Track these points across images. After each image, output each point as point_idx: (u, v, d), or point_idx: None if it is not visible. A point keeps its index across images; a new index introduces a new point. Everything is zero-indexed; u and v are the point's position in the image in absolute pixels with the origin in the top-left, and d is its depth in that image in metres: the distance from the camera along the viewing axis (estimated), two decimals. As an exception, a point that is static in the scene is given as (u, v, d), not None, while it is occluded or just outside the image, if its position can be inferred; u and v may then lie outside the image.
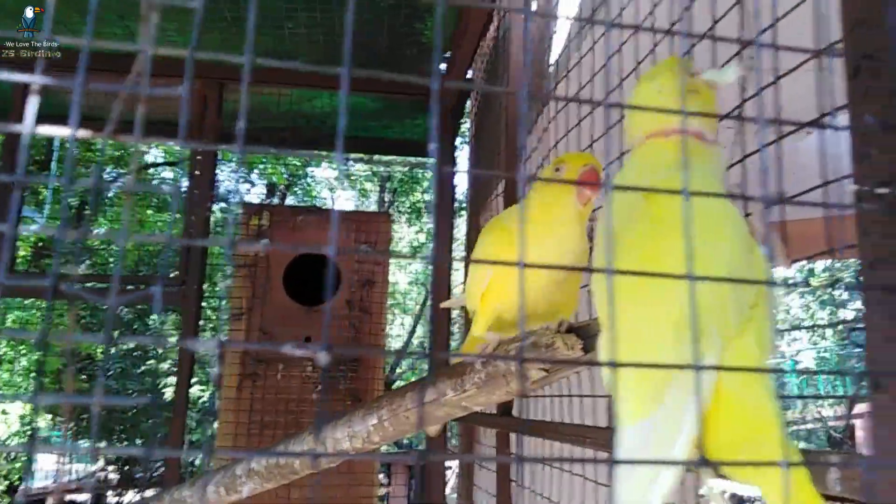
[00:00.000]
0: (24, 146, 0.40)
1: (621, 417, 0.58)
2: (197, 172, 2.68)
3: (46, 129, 0.37)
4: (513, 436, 1.56)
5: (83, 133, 0.37)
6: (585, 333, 1.03)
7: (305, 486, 2.23)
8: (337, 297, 2.64)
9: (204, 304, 2.63)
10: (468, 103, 2.82)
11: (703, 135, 0.73)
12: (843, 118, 0.55)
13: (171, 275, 2.56)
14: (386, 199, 10.24)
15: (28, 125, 0.37)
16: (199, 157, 2.62)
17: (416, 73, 2.84)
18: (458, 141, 3.11)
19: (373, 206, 10.58)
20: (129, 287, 2.85)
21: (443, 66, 2.72)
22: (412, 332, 10.49)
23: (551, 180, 1.04)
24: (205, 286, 2.79)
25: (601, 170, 1.03)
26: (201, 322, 2.56)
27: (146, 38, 0.38)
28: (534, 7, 1.87)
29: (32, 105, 0.38)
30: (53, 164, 6.12)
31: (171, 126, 2.94)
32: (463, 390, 1.14)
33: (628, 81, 1.17)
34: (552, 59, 1.77)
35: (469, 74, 2.64)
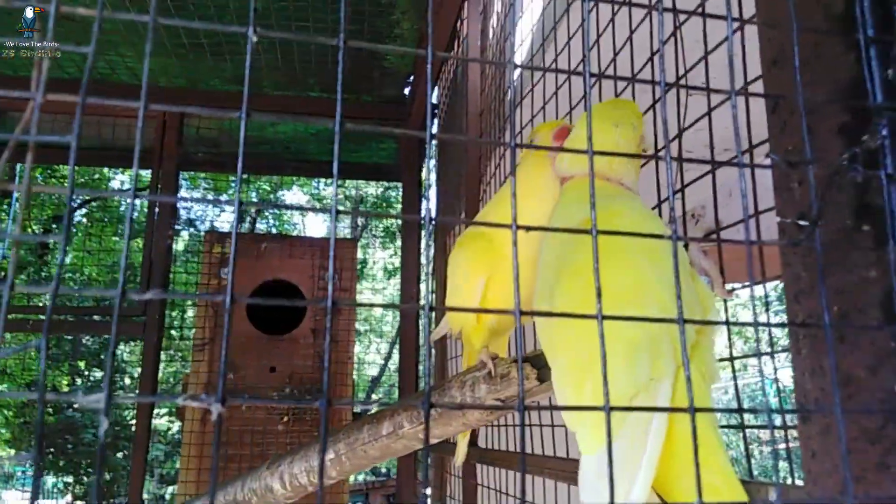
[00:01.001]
0: None
1: (582, 446, 0.57)
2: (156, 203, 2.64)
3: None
4: (479, 466, 1.54)
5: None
6: (539, 363, 1.02)
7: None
8: (302, 325, 2.61)
9: (167, 333, 2.57)
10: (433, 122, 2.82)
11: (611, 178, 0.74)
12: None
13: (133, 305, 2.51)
14: (359, 223, 10.21)
15: None
16: (159, 184, 2.58)
17: (380, 95, 2.85)
18: (423, 170, 3.10)
19: (346, 230, 10.54)
20: (95, 318, 2.79)
21: (406, 90, 2.72)
22: (388, 357, 10.41)
23: (528, 147, 0.99)
24: (167, 314, 2.73)
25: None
26: (163, 351, 2.50)
27: (37, 85, 0.36)
28: (494, 18, 1.88)
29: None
30: (14, 192, 6.01)
31: (131, 153, 2.89)
32: (420, 422, 1.11)
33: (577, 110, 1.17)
34: (513, 78, 1.78)
35: (434, 97, 2.64)
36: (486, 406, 1.02)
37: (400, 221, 10.26)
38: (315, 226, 11.24)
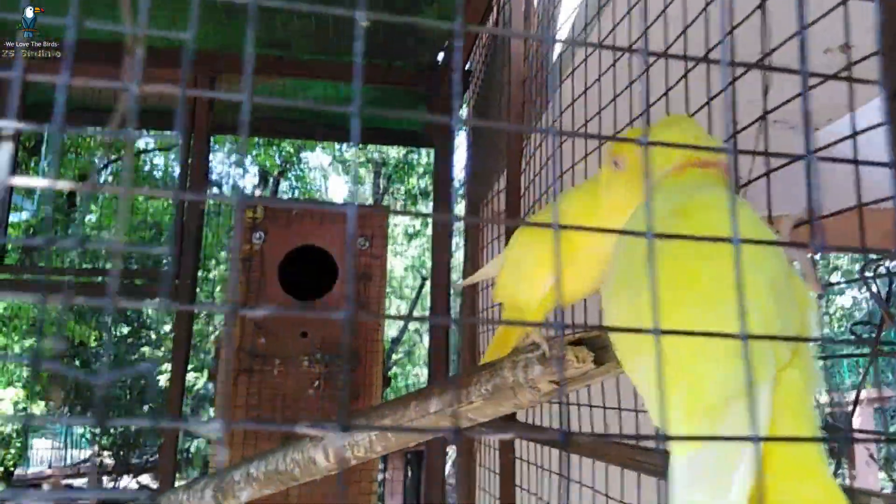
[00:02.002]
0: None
1: (671, 447, 0.55)
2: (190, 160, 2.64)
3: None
4: (518, 440, 1.54)
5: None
6: (595, 345, 1.00)
7: (304, 487, 2.21)
8: (333, 291, 2.61)
9: (198, 297, 2.59)
10: (466, 94, 2.78)
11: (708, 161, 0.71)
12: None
13: (166, 267, 2.52)
14: (381, 186, 10.18)
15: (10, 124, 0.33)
16: (191, 147, 2.57)
17: (414, 62, 2.79)
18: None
19: (367, 193, 10.52)
20: (125, 281, 2.81)
21: (440, 56, 2.67)
22: (409, 318, 10.47)
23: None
24: (199, 275, 2.74)
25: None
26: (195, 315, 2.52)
27: (131, 75, 0.34)
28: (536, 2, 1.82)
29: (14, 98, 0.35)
30: (43, 149, 6.05)
31: (165, 115, 2.88)
32: (469, 402, 1.11)
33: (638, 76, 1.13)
34: (555, 56, 1.72)
35: (468, 66, 2.59)
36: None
37: (423, 184, 10.21)
38: (336, 187, 11.23)
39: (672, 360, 0.57)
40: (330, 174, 10.53)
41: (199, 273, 2.66)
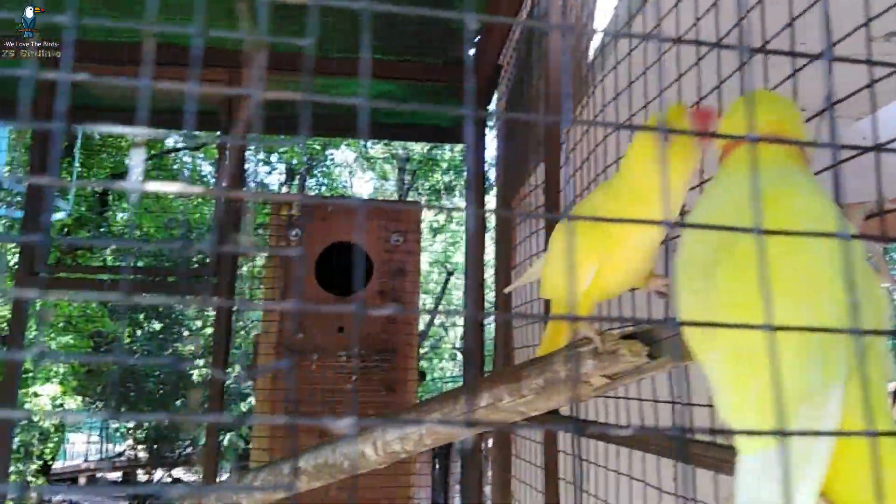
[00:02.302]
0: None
1: (739, 444, 0.56)
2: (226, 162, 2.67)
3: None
4: (560, 434, 1.55)
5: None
6: (648, 339, 1.00)
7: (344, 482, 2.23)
8: (369, 286, 2.63)
9: (236, 294, 2.63)
10: (500, 88, 2.78)
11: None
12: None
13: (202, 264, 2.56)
14: (405, 181, 10.21)
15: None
16: (227, 146, 2.60)
17: (445, 57, 2.80)
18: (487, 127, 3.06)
19: (392, 188, 10.55)
20: (157, 278, 2.86)
21: (471, 51, 2.67)
22: (434, 312, 10.52)
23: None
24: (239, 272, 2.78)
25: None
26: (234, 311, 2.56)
27: (254, 82, 0.36)
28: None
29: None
30: (77, 151, 6.15)
31: (200, 114, 2.92)
32: (520, 395, 1.12)
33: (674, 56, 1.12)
34: (592, 49, 1.72)
35: (500, 60, 2.59)
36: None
37: (447, 179, 10.21)
38: (361, 184, 11.27)
39: (747, 356, 0.57)
40: (355, 170, 10.57)
41: (238, 270, 2.69)
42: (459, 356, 10.66)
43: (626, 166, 0.94)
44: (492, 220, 2.82)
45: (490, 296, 3.46)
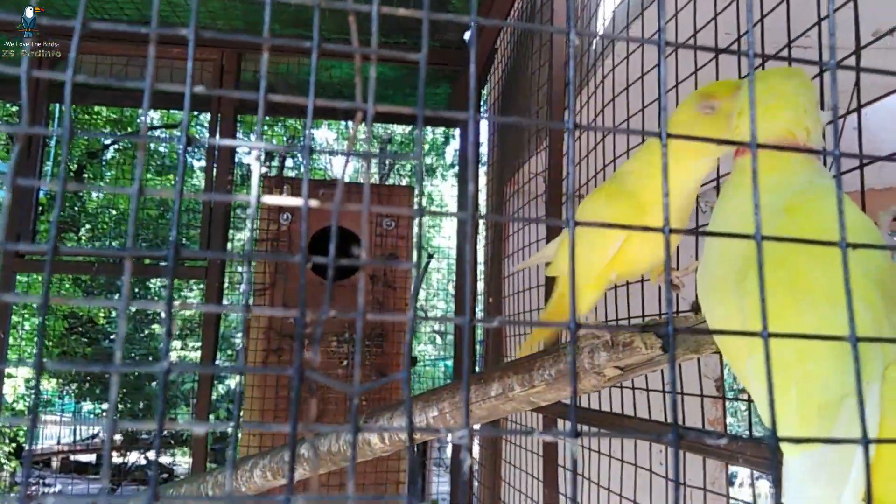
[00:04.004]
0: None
1: (784, 447, 0.56)
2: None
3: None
4: (560, 421, 1.56)
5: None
6: (662, 332, 1.01)
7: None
8: (360, 272, 2.61)
9: (226, 278, 2.60)
10: (490, 73, 2.76)
11: (798, 144, 0.70)
12: None
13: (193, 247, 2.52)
14: (386, 163, 10.14)
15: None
16: (218, 128, 2.56)
17: (442, 40, 2.78)
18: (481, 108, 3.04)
19: (373, 170, 10.48)
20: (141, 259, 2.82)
21: (467, 34, 2.64)
22: (416, 293, 10.49)
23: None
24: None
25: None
26: (224, 301, 2.53)
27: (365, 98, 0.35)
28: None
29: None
30: (54, 125, 6.00)
31: (180, 94, 2.86)
32: (532, 386, 1.12)
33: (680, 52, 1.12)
34: (597, 31, 1.71)
35: (496, 43, 2.57)
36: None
37: (428, 161, 10.17)
38: (342, 165, 11.16)
39: (783, 362, 0.57)
40: (336, 149, 10.46)
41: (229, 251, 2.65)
42: (439, 339, 10.70)
43: (651, 148, 0.92)
44: (483, 210, 2.82)
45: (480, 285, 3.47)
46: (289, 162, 9.74)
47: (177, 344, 7.62)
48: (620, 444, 1.35)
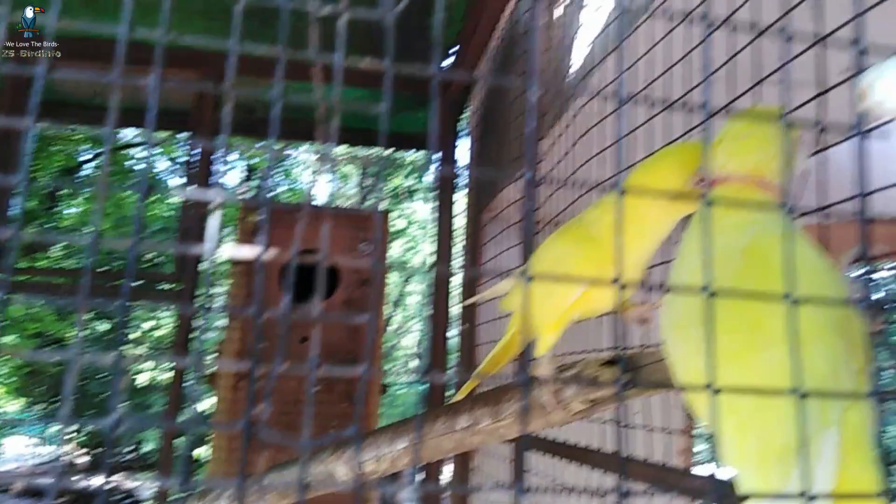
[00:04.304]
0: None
1: (747, 490, 0.56)
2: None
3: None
4: (527, 454, 1.55)
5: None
6: (631, 365, 1.01)
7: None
8: (334, 296, 2.60)
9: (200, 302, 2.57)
10: (470, 98, 2.78)
11: (765, 182, 0.71)
12: None
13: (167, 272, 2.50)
14: (366, 184, 10.16)
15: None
16: (196, 150, 2.54)
17: (421, 67, 2.79)
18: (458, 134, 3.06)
19: (352, 191, 10.48)
20: (108, 284, 2.78)
21: (450, 60, 2.67)
22: (389, 318, 10.45)
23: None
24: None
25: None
26: (198, 317, 2.50)
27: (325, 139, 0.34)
28: (557, 13, 1.83)
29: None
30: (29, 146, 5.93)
31: (169, 113, 2.84)
32: (499, 419, 1.11)
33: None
34: (573, 63, 1.74)
35: (477, 70, 2.59)
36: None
37: (408, 184, 10.20)
38: (323, 185, 11.14)
39: (742, 406, 0.58)
40: (317, 170, 10.46)
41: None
42: (413, 363, 10.64)
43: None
44: (459, 234, 2.82)
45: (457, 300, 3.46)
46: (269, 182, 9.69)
47: (148, 364, 7.50)
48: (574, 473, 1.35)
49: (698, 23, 0.37)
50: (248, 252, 0.31)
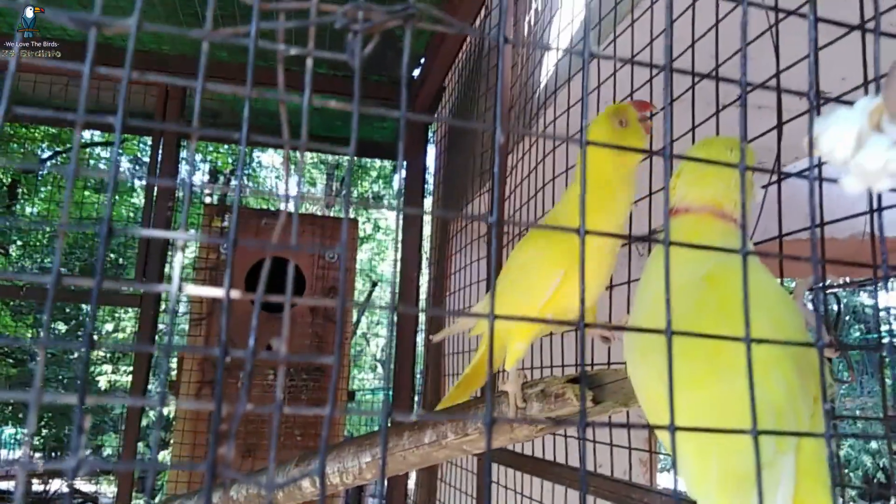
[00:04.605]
0: None
1: None
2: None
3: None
4: (497, 465, 1.56)
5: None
6: (595, 382, 1.03)
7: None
8: (299, 303, 2.58)
9: (163, 305, 2.53)
10: (440, 106, 2.79)
11: (724, 213, 0.73)
12: None
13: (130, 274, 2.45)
14: (333, 189, 10.11)
15: None
16: (160, 154, 2.51)
17: (392, 76, 2.80)
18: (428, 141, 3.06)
19: (319, 195, 10.41)
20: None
21: (416, 72, 2.68)
22: (357, 323, 10.40)
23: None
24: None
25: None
26: (161, 325, 2.46)
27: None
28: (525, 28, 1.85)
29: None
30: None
31: (132, 116, 2.79)
32: (465, 434, 1.12)
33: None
34: (540, 81, 1.76)
35: (445, 82, 2.61)
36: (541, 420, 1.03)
37: (375, 188, 10.18)
38: (288, 188, 11.06)
39: (702, 433, 0.59)
40: (282, 174, 10.38)
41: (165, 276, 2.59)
42: (380, 368, 10.60)
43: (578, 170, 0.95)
44: (427, 244, 2.83)
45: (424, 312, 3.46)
46: (233, 183, 9.58)
47: (107, 368, 7.35)
48: (541, 488, 1.36)
49: (665, 37, 0.38)
50: (212, 292, 0.32)
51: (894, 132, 0.33)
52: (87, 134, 7.84)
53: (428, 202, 3.19)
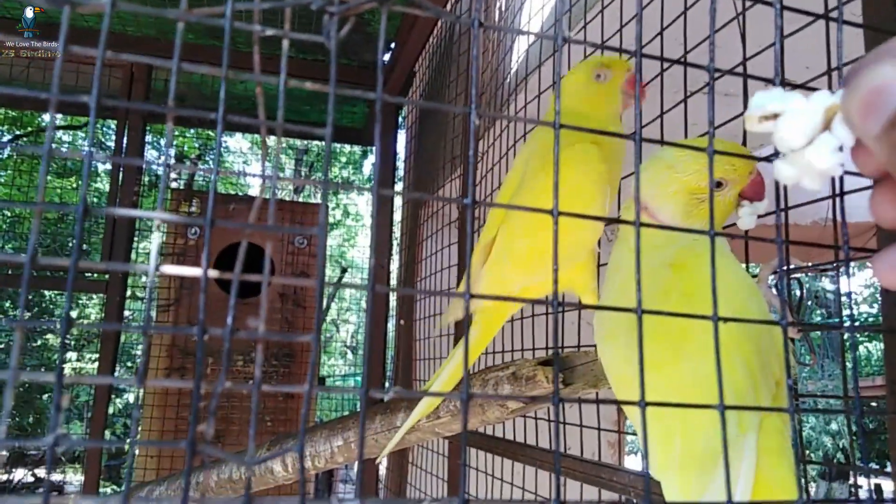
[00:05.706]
0: None
1: (668, 494, 0.60)
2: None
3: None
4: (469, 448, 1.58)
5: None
6: (565, 364, 1.04)
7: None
8: (269, 289, 2.57)
9: (129, 291, 2.49)
10: (410, 90, 2.78)
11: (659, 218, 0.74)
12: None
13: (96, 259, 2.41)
14: (302, 174, 10.02)
15: None
16: (126, 137, 2.46)
17: (360, 60, 2.78)
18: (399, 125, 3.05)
19: (286, 182, 10.33)
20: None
21: (386, 56, 2.66)
22: (326, 308, 10.35)
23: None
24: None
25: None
26: (126, 312, 2.43)
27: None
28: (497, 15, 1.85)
29: None
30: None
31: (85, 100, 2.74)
32: (436, 417, 1.13)
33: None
34: (511, 66, 1.76)
35: (416, 67, 2.60)
36: (519, 397, 1.05)
37: (345, 174, 10.11)
38: (255, 172, 10.95)
39: (667, 413, 0.61)
40: (250, 160, 10.26)
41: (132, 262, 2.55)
42: (350, 354, 10.59)
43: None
44: (398, 229, 2.83)
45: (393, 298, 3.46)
46: (201, 168, 9.44)
47: (72, 356, 7.23)
48: (512, 468, 1.39)
49: (635, 23, 0.39)
50: (190, 272, 0.32)
51: (843, 135, 0.34)
52: (47, 118, 7.64)
53: (398, 188, 3.19)
